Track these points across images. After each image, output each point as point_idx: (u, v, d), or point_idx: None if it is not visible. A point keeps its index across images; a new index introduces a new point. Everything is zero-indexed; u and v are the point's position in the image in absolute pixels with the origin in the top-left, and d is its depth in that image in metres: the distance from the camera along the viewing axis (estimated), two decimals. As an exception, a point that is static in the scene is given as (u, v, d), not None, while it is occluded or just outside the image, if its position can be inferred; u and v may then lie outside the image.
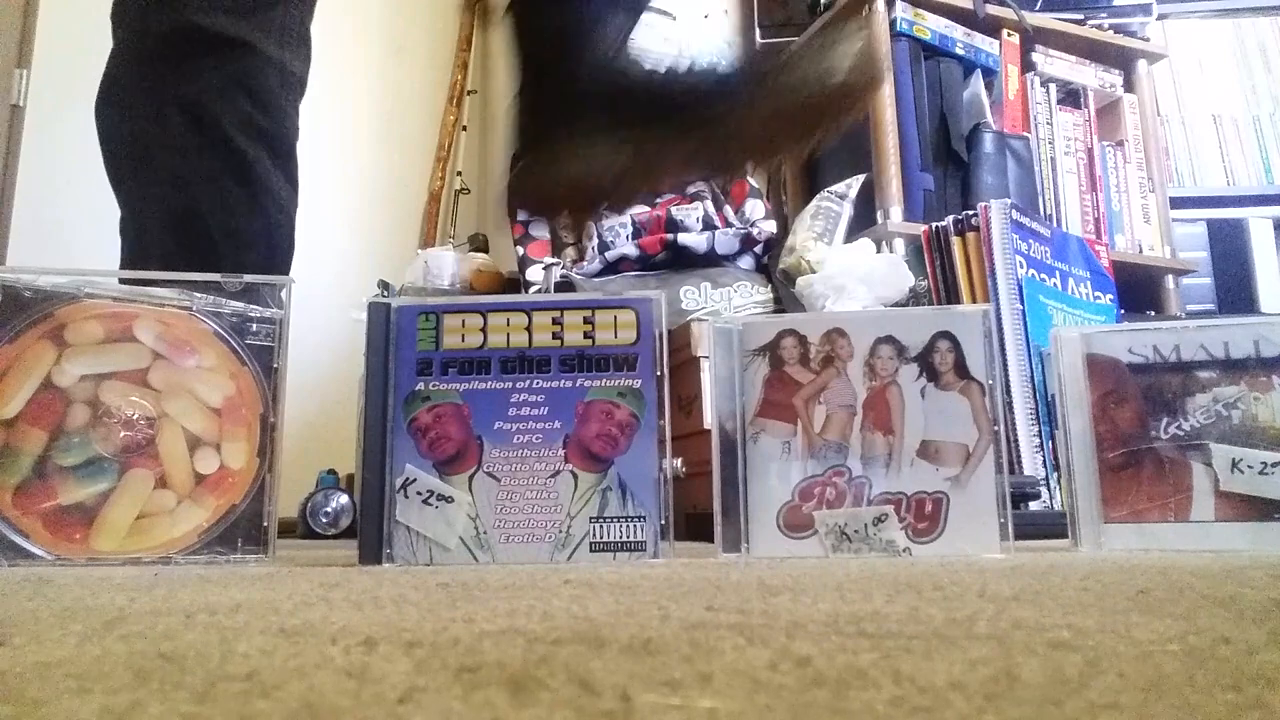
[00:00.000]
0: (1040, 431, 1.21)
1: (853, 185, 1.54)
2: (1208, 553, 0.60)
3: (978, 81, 1.65)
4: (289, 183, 0.84)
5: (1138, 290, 1.69)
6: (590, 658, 0.22)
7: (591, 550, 0.57)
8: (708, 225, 1.52)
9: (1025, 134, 1.67)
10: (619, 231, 1.50)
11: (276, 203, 0.82)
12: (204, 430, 0.62)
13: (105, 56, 0.82)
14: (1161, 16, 1.92)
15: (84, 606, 0.34)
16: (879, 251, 1.43)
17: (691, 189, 1.60)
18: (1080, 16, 1.77)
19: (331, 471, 1.57)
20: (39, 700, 0.18)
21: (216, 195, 0.78)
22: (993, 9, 1.67)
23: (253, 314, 0.64)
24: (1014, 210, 1.31)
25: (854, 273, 1.30)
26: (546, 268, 1.49)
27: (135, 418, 0.61)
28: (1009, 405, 1.21)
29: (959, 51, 1.65)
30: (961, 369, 0.61)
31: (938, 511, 0.59)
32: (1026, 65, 1.72)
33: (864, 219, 1.53)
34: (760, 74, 0.66)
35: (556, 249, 1.57)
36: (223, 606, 0.34)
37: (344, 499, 1.49)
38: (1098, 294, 1.40)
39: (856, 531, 0.60)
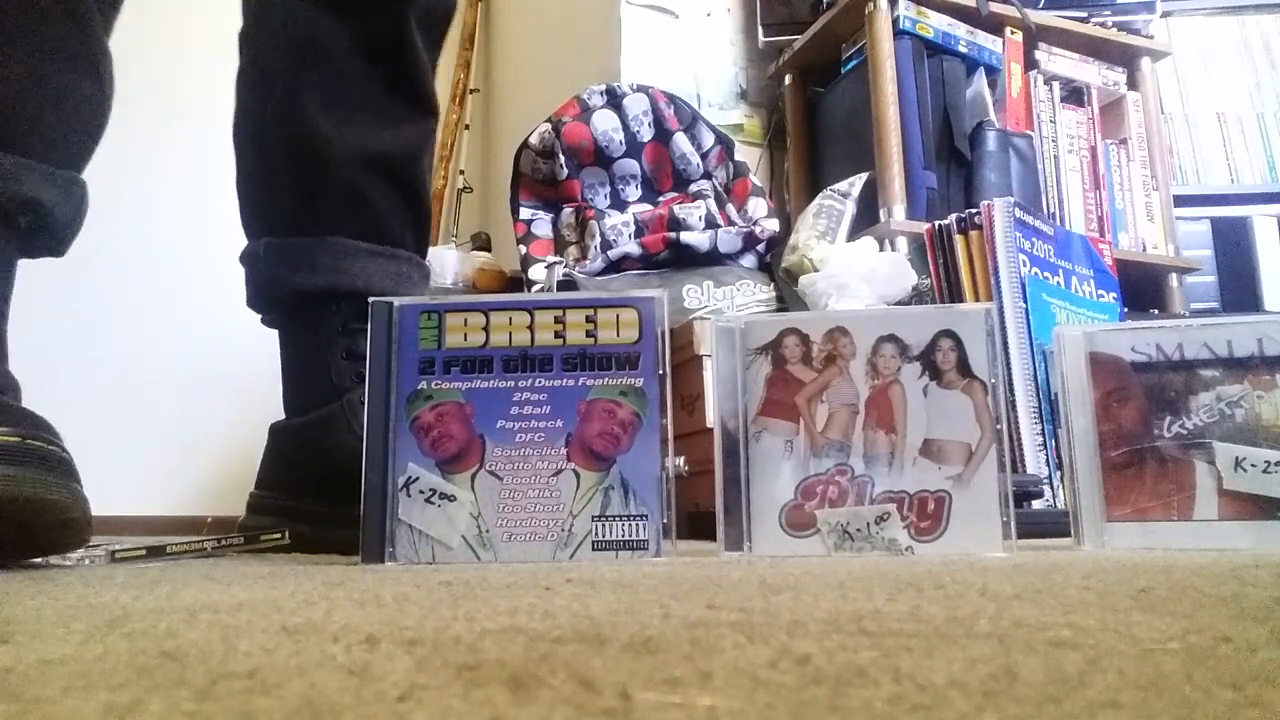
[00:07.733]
0: (1043, 430, 1.21)
1: (855, 183, 1.54)
2: (1210, 551, 0.60)
3: (981, 79, 1.65)
4: None
5: (1141, 288, 1.68)
6: (591, 656, 0.22)
7: (594, 549, 0.57)
8: (710, 224, 1.52)
9: (1028, 132, 1.67)
10: (621, 230, 1.50)
11: None
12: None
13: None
14: (1165, 14, 1.91)
15: (87, 604, 0.34)
16: (881, 250, 1.42)
17: (694, 187, 1.59)
18: (1084, 14, 1.76)
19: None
20: (41, 698, 0.18)
21: None
22: (996, 7, 1.67)
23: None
24: (1017, 208, 1.31)
25: (856, 271, 1.30)
26: (549, 266, 1.49)
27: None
28: (1012, 404, 1.21)
29: (962, 49, 1.65)
30: (964, 367, 0.61)
31: (940, 510, 0.59)
32: (1030, 63, 1.72)
33: (867, 217, 1.52)
34: None
35: (559, 248, 1.57)
36: (225, 605, 0.34)
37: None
38: (1101, 292, 1.40)
39: (859, 530, 0.60)
